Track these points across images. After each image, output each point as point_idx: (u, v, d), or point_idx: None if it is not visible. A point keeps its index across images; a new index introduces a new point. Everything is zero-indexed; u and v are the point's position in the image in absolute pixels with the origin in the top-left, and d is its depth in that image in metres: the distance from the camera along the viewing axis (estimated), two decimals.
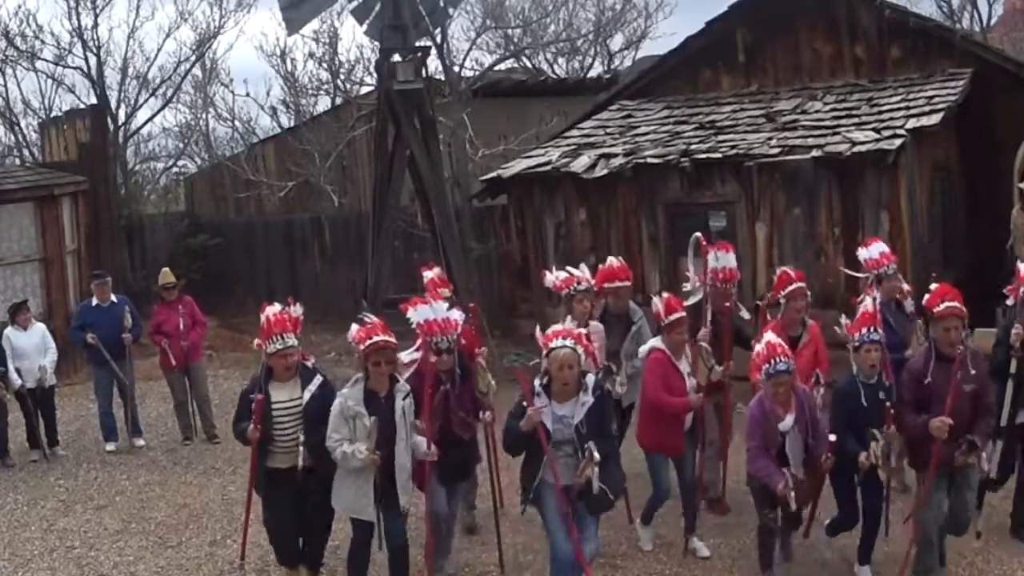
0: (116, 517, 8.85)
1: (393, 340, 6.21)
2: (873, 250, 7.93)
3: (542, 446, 5.91)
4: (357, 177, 18.35)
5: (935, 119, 10.90)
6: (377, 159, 13.76)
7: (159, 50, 21.48)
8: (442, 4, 14.26)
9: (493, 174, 13.29)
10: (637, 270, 12.19)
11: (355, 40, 23.79)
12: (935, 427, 6.12)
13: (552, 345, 5.93)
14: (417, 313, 6.46)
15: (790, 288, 7.46)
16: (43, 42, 20.19)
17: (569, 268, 8.08)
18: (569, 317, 6.96)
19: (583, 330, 6.33)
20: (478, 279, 14.92)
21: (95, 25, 20.04)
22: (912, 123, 10.90)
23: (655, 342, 7.20)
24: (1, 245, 14.29)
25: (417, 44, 13.31)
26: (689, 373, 7.18)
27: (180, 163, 24.01)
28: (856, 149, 10.66)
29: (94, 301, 11.06)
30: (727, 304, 7.65)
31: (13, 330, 10.66)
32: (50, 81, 21.02)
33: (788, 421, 6.22)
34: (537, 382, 6.01)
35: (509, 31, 21.36)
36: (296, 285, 18.87)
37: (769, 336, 6.25)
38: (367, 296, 13.36)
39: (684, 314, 7.13)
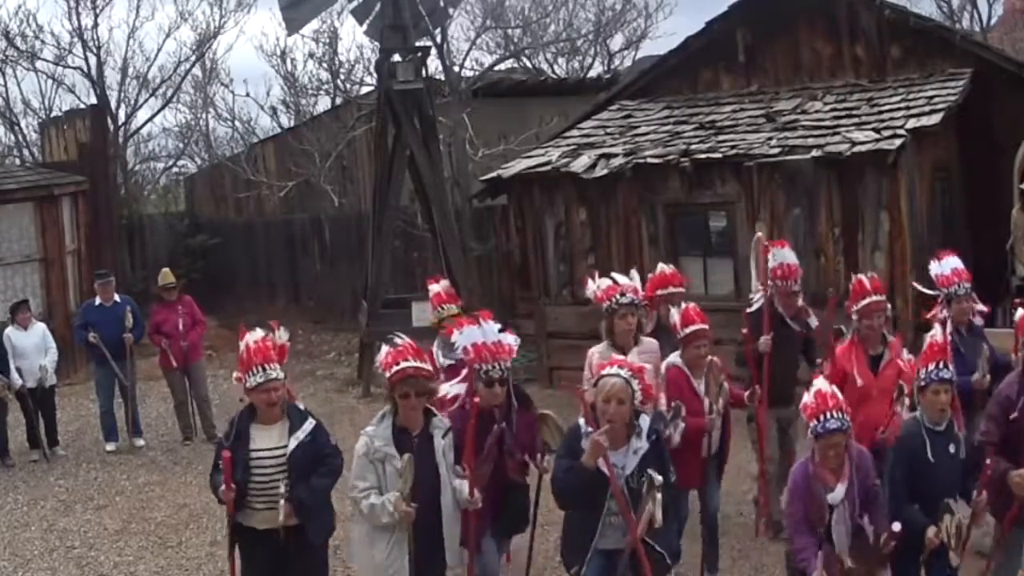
0: (116, 517, 8.86)
1: (427, 367, 5.28)
2: (945, 265, 6.93)
3: (600, 495, 4.93)
4: (357, 177, 18.34)
5: (935, 119, 10.90)
6: (377, 159, 13.76)
7: (159, 50, 21.53)
8: (442, 4, 14.26)
9: (493, 174, 13.29)
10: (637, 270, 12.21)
11: (355, 40, 23.82)
12: (1015, 482, 5.20)
13: (602, 373, 5.06)
14: (463, 336, 5.49)
15: (865, 303, 6.35)
16: (43, 42, 20.24)
17: (615, 275, 6.83)
18: (607, 341, 6.30)
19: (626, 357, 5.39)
20: (478, 279, 14.92)
21: (95, 25, 20.08)
22: (912, 123, 10.89)
23: (673, 358, 6.47)
24: (1, 245, 14.29)
25: (417, 44, 13.31)
26: (706, 392, 6.45)
27: (180, 163, 24.05)
28: (856, 149, 10.66)
29: (97, 300, 11.07)
30: (795, 305, 7.10)
31: (13, 329, 10.66)
32: (50, 81, 21.07)
33: (838, 492, 4.99)
34: (582, 421, 5.06)
35: (509, 31, 21.36)
36: (296, 285, 18.92)
37: (819, 384, 5.02)
38: (367, 296, 13.37)
39: (704, 326, 6.44)
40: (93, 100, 19.94)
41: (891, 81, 12.54)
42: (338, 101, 19.41)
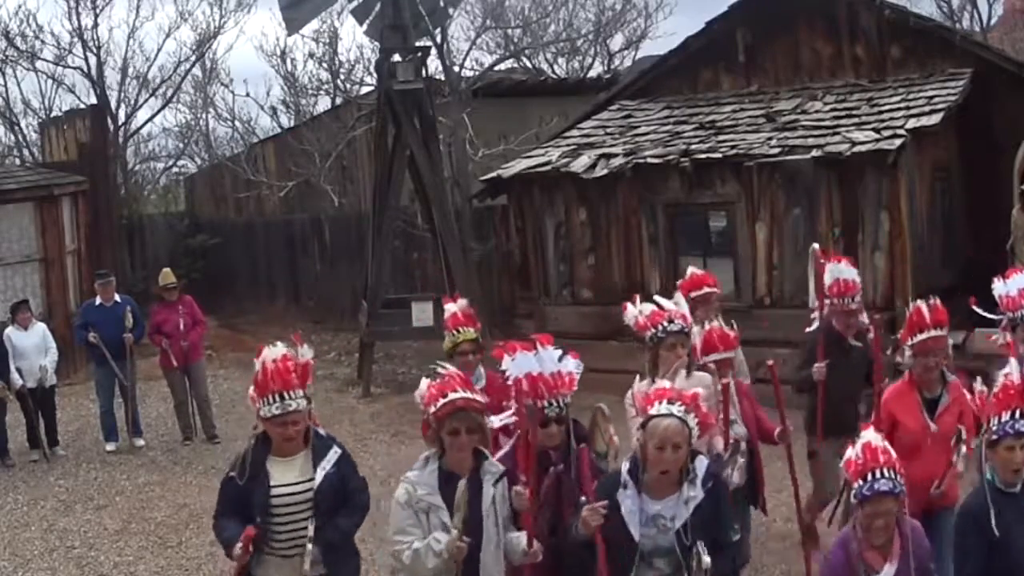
0: (116, 517, 8.86)
1: (479, 399, 4.50)
2: (1011, 285, 5.94)
3: (627, 561, 4.15)
4: (357, 177, 18.35)
5: (935, 119, 10.89)
6: (377, 159, 13.77)
7: (159, 50, 21.53)
8: (442, 4, 14.27)
9: (493, 174, 13.29)
10: (637, 270, 12.23)
11: (355, 40, 23.84)
12: None
13: (652, 411, 4.12)
14: (516, 363, 4.50)
15: (922, 337, 5.36)
16: (43, 42, 20.24)
17: (658, 299, 5.83)
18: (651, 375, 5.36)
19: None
20: (478, 279, 14.92)
21: (95, 25, 20.09)
22: (912, 123, 10.89)
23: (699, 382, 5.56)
24: (1, 245, 14.29)
25: (417, 44, 13.32)
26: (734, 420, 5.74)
27: (180, 163, 24.06)
28: (856, 149, 10.66)
29: (97, 300, 11.07)
30: (854, 325, 6.46)
31: (14, 329, 10.66)
32: (50, 81, 21.08)
33: (887, 574, 4.03)
34: (624, 465, 4.25)
35: (509, 31, 21.37)
36: (296, 285, 18.92)
37: (870, 436, 4.06)
38: (367, 296, 13.38)
39: (730, 354, 5.82)
40: (93, 100, 19.95)
41: (891, 81, 12.53)
42: (338, 101, 19.42)
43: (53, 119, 19.02)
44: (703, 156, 11.53)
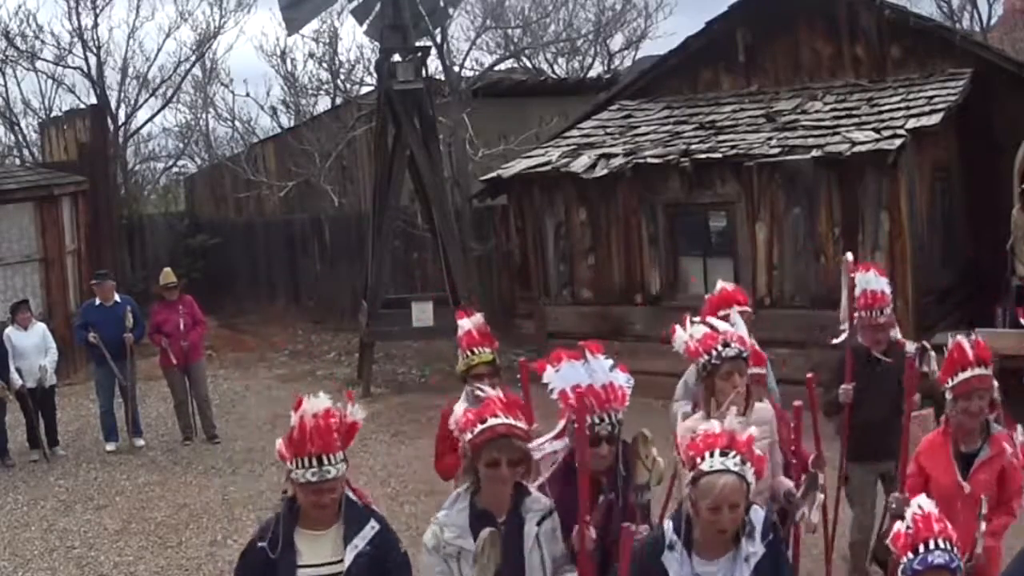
0: (116, 517, 8.85)
1: (522, 426, 3.90)
2: None
3: None
4: (357, 177, 18.35)
5: (935, 119, 10.89)
6: (377, 159, 13.77)
7: (159, 50, 21.54)
8: (442, 4, 14.28)
9: (493, 174, 13.29)
10: (637, 270, 12.23)
11: (355, 40, 23.88)
12: None
13: (704, 466, 3.49)
14: (561, 374, 3.94)
15: (964, 377, 4.72)
16: (43, 42, 20.24)
17: (712, 320, 5.05)
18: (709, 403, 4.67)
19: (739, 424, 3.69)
20: (478, 279, 14.92)
21: (95, 25, 20.09)
22: (912, 123, 10.89)
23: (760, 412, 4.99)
24: (1, 245, 14.29)
25: (417, 44, 13.32)
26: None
27: (180, 163, 24.06)
28: (856, 149, 10.66)
29: (97, 300, 11.07)
30: (884, 340, 6.03)
31: (13, 329, 10.66)
32: (50, 81, 21.08)
33: None
34: (668, 525, 3.68)
35: (509, 31, 21.37)
36: (296, 285, 18.93)
37: (921, 502, 3.59)
38: (367, 296, 13.38)
39: (762, 370, 5.44)
40: (93, 100, 19.95)
41: (891, 81, 12.53)
42: (338, 101, 19.42)
43: (53, 119, 19.02)
44: (703, 156, 11.53)
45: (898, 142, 10.50)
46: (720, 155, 11.45)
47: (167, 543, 8.19)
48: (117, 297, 11.10)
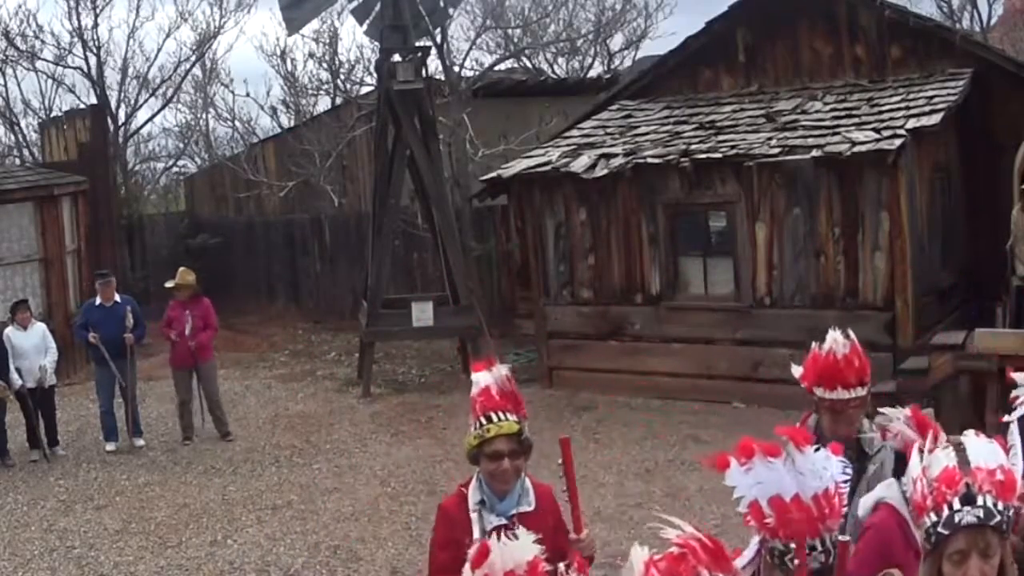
0: (116, 517, 8.85)
1: None
2: None
3: None
4: (357, 177, 18.37)
5: (935, 119, 10.89)
6: (377, 159, 13.78)
7: (159, 50, 21.60)
8: (442, 4, 14.29)
9: (493, 174, 13.29)
10: (637, 270, 12.23)
11: (355, 40, 23.89)
12: None
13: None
14: (753, 479, 2.70)
15: None
16: (43, 42, 20.29)
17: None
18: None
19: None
20: (478, 279, 14.93)
21: (95, 25, 20.13)
22: (912, 123, 10.89)
23: (885, 491, 3.45)
24: (1, 245, 14.29)
25: (417, 44, 13.33)
26: None
27: (180, 163, 24.09)
28: (856, 149, 10.66)
29: (97, 300, 11.06)
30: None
31: (13, 329, 10.65)
32: (50, 81, 21.11)
33: None
34: None
35: (509, 31, 21.37)
36: (296, 285, 18.94)
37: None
38: (367, 296, 13.39)
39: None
40: (93, 100, 19.97)
41: (891, 81, 12.53)
42: (338, 101, 19.43)
43: (53, 119, 19.04)
44: (703, 156, 11.53)
45: (898, 142, 10.50)
46: (720, 155, 11.45)
47: (167, 543, 8.19)
48: (117, 297, 11.11)
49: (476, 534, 3.55)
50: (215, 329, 11.62)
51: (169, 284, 11.34)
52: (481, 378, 3.87)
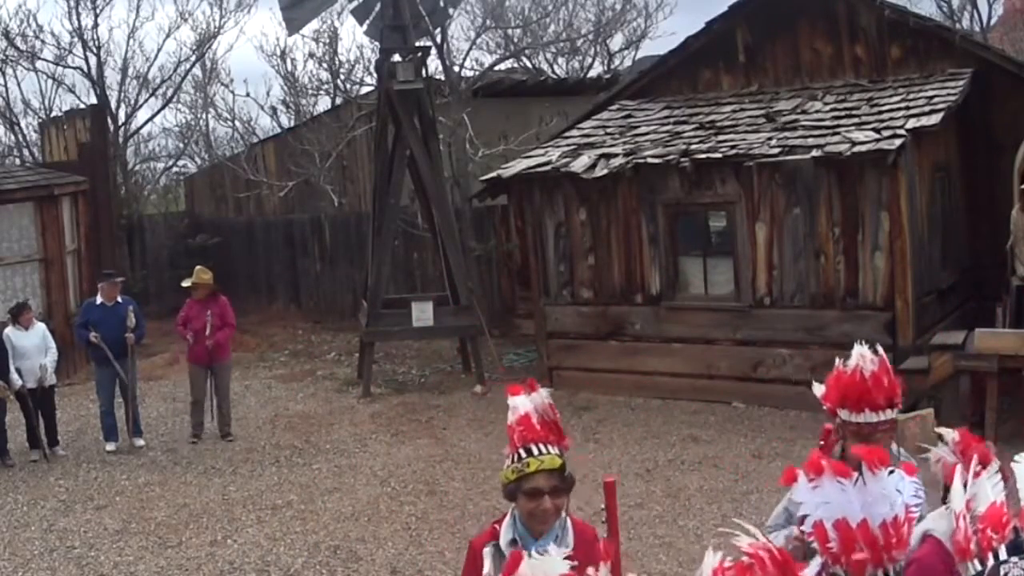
0: (116, 517, 8.85)
1: None
2: None
3: None
4: (357, 177, 18.37)
5: (935, 119, 10.89)
6: (377, 159, 13.78)
7: (159, 50, 21.63)
8: (442, 4, 14.28)
9: (493, 174, 13.29)
10: (637, 270, 12.24)
11: (355, 40, 23.93)
12: None
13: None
14: (821, 499, 2.62)
15: None
16: (43, 42, 20.27)
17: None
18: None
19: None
20: (478, 279, 14.93)
21: (95, 25, 20.11)
22: (912, 123, 10.89)
23: (934, 523, 2.94)
24: (1, 245, 14.29)
25: (417, 44, 13.33)
26: None
27: (180, 163, 24.08)
28: (856, 149, 10.66)
29: (99, 299, 11.06)
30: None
31: (14, 330, 10.65)
32: (50, 81, 21.09)
33: None
34: None
35: (509, 31, 21.37)
36: (296, 285, 18.93)
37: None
38: (367, 296, 13.39)
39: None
40: (93, 100, 19.96)
41: (891, 81, 12.53)
42: (338, 101, 19.43)
43: (53, 119, 19.03)
44: (703, 156, 11.53)
45: (898, 142, 10.50)
46: (720, 155, 11.45)
47: (167, 543, 8.19)
48: (119, 297, 11.11)
49: (487, 569, 3.34)
50: (233, 327, 11.57)
51: (186, 283, 11.35)
52: (519, 403, 3.44)
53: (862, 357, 3.68)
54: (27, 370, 10.52)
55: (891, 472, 2.51)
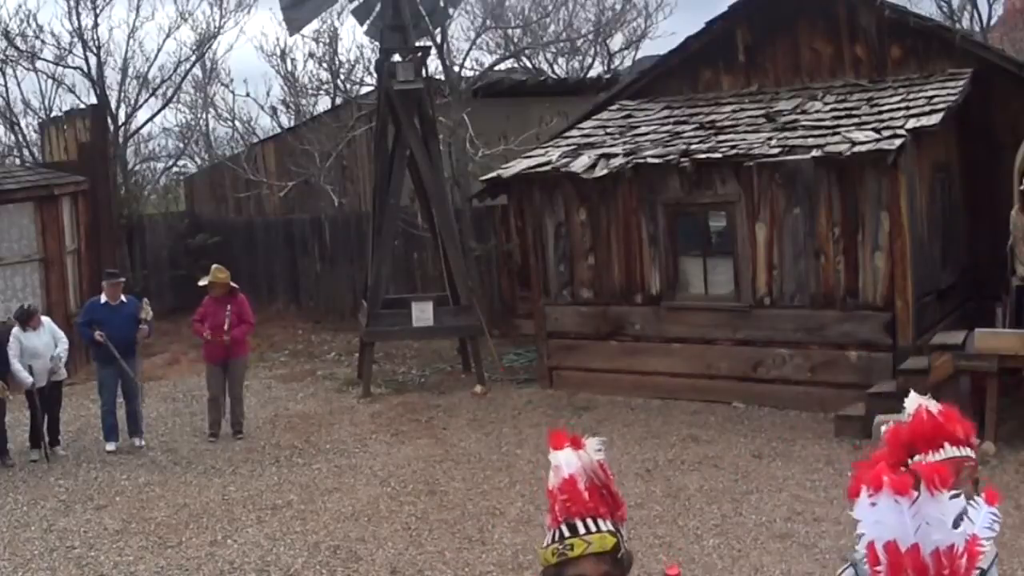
0: (116, 517, 8.85)
1: None
2: None
3: None
4: (357, 177, 18.37)
5: (935, 119, 10.89)
6: (377, 159, 13.78)
7: (159, 50, 21.63)
8: (442, 4, 14.28)
9: (493, 174, 13.29)
10: (637, 270, 12.24)
11: (355, 40, 23.95)
12: None
13: None
14: (877, 517, 2.32)
15: None
16: (43, 42, 20.25)
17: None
18: None
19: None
20: (478, 279, 14.93)
21: (95, 25, 20.09)
22: (912, 123, 10.89)
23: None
24: (1, 245, 14.29)
25: (417, 44, 13.33)
26: None
27: (180, 163, 24.08)
28: (856, 149, 10.66)
29: (102, 299, 11.05)
30: None
31: (23, 332, 10.59)
32: (50, 81, 21.08)
33: None
34: None
35: (509, 31, 21.37)
36: (296, 285, 18.93)
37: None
38: (367, 296, 13.39)
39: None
40: (93, 100, 19.94)
41: (891, 81, 12.53)
42: (338, 101, 19.43)
43: (53, 119, 19.03)
44: (703, 156, 11.53)
45: (898, 142, 10.50)
46: (720, 155, 11.45)
47: (167, 543, 8.19)
48: (123, 297, 11.11)
49: None
50: (251, 324, 11.54)
51: (203, 282, 11.38)
52: (563, 462, 2.74)
53: (918, 403, 3.34)
54: (39, 369, 10.47)
55: (956, 495, 2.27)
